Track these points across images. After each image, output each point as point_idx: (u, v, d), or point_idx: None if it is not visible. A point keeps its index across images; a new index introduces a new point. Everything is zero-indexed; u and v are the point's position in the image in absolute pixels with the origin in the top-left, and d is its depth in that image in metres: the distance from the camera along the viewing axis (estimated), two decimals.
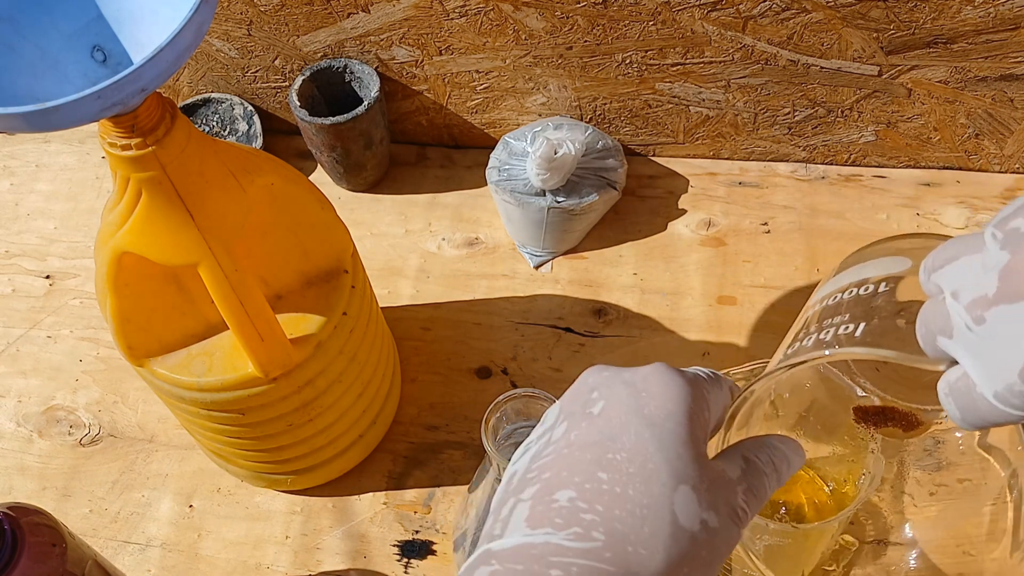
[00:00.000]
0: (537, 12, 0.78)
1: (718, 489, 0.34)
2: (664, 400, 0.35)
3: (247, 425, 0.65)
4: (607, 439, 0.34)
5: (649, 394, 0.35)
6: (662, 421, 0.34)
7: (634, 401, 0.35)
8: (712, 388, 0.38)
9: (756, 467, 0.36)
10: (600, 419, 0.35)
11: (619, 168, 0.84)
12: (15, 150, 1.01)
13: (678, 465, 0.33)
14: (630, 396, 0.35)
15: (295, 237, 0.65)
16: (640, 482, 0.33)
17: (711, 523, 0.33)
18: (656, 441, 0.34)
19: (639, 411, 0.35)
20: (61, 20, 0.52)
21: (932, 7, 0.72)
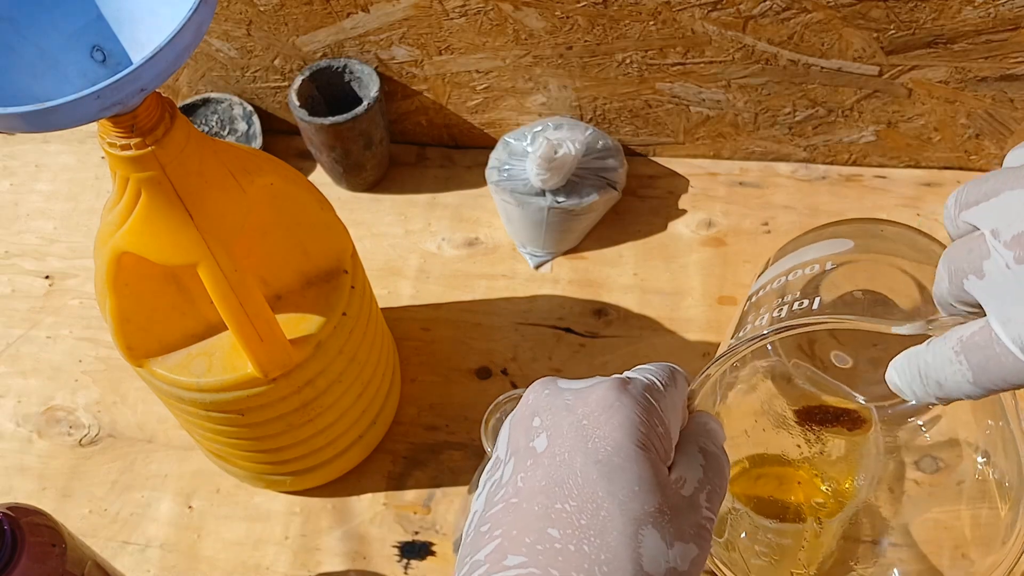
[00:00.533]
0: (537, 12, 0.78)
1: (681, 516, 0.32)
2: (610, 429, 0.32)
3: (247, 426, 0.65)
4: (554, 485, 0.32)
5: (592, 423, 0.33)
6: (609, 456, 0.32)
7: (577, 434, 0.32)
8: (666, 393, 0.35)
9: (714, 457, 0.35)
10: (545, 458, 0.33)
11: (619, 168, 0.84)
12: (15, 150, 1.00)
13: (634, 507, 0.31)
14: (572, 427, 0.33)
15: (294, 237, 0.65)
16: (594, 535, 0.30)
17: (679, 559, 0.31)
18: (606, 482, 0.31)
19: (584, 446, 0.32)
20: (61, 20, 0.52)
21: (932, 7, 0.72)
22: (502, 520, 0.32)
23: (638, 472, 0.31)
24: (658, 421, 0.33)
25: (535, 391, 0.36)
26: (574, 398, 0.34)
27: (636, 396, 0.34)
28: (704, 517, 0.33)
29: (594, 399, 0.33)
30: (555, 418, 0.34)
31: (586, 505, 0.31)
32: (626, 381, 0.34)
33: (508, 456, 0.34)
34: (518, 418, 0.35)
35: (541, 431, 0.34)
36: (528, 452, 0.33)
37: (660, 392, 0.35)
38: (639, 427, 0.32)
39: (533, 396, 0.35)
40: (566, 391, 0.35)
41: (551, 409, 0.34)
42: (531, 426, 0.34)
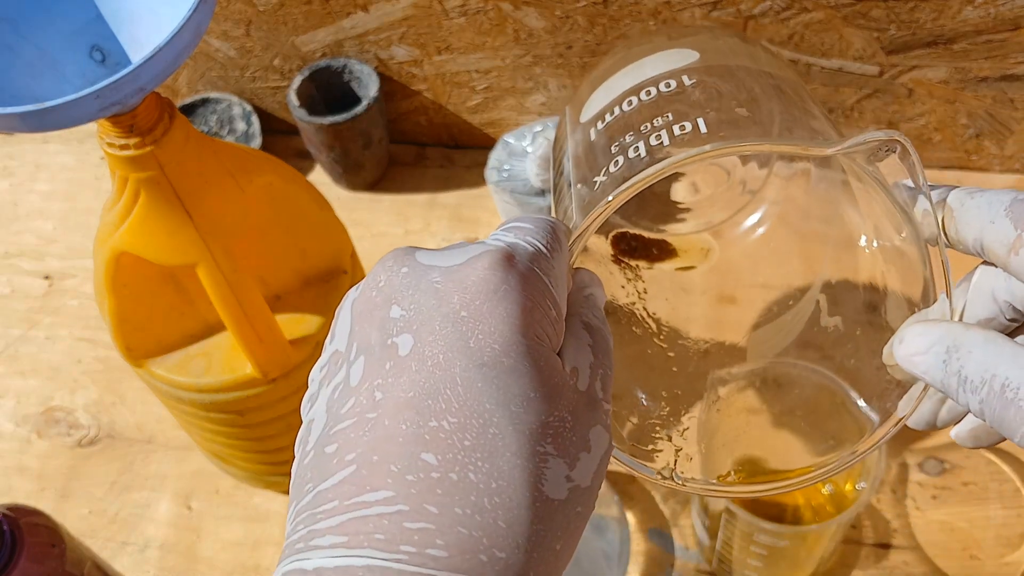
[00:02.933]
0: (537, 11, 0.78)
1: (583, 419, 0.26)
2: (496, 322, 0.25)
3: (246, 426, 0.65)
4: (426, 396, 0.25)
5: (473, 315, 0.25)
6: (497, 356, 0.25)
7: (455, 329, 0.25)
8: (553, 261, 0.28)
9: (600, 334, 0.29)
10: (412, 361, 0.25)
11: None
12: (14, 150, 1.00)
13: (530, 419, 0.25)
14: (447, 321, 0.25)
15: (293, 237, 0.64)
16: (482, 458, 0.24)
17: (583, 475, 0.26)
18: (494, 390, 0.25)
19: (464, 343, 0.25)
20: (60, 20, 0.52)
21: (933, 7, 0.72)
22: (356, 440, 0.25)
23: (532, 374, 0.25)
24: (551, 303, 0.27)
25: (388, 268, 0.27)
26: (445, 280, 0.26)
27: (524, 273, 0.27)
28: (604, 412, 0.27)
29: (473, 282, 0.26)
30: (421, 308, 0.26)
31: (470, 421, 0.24)
32: (510, 255, 0.27)
33: (356, 353, 0.27)
34: (365, 303, 0.27)
35: (403, 325, 0.26)
36: (386, 352, 0.26)
37: (547, 261, 0.28)
38: (532, 314, 0.26)
39: (386, 276, 0.27)
40: (432, 269, 0.27)
41: (414, 295, 0.26)
42: (388, 317, 0.26)
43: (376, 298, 0.27)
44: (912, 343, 0.29)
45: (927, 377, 0.28)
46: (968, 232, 0.29)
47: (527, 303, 0.26)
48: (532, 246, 0.28)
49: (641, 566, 0.67)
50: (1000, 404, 0.25)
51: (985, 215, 0.28)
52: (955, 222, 0.29)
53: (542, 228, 0.29)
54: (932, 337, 0.28)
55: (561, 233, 0.29)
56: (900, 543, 0.68)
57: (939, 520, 0.69)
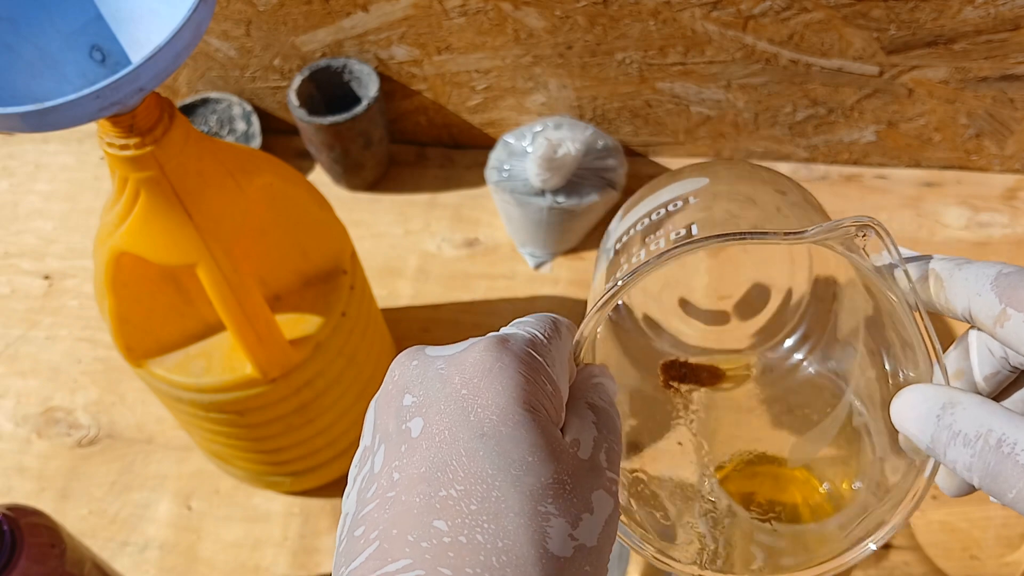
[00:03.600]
0: (537, 11, 0.78)
1: (584, 483, 0.28)
2: (492, 395, 0.28)
3: (246, 426, 0.65)
4: (435, 470, 0.27)
5: (472, 391, 0.28)
6: (495, 426, 0.27)
7: (457, 406, 0.28)
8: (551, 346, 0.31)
9: (605, 413, 0.31)
10: (422, 441, 0.28)
11: (619, 168, 0.84)
12: (14, 150, 1.00)
13: (529, 480, 0.27)
14: (450, 399, 0.28)
15: (293, 237, 0.64)
16: (488, 520, 0.26)
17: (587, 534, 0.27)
18: (494, 456, 0.27)
19: (465, 418, 0.28)
20: (60, 20, 0.52)
21: (933, 7, 0.72)
22: (378, 520, 0.27)
23: (530, 439, 0.27)
24: (546, 379, 0.29)
25: (401, 363, 0.31)
26: (448, 366, 0.29)
27: (518, 353, 0.29)
28: (608, 479, 0.29)
29: (471, 363, 0.29)
30: (428, 392, 0.29)
31: (475, 487, 0.27)
32: (504, 339, 0.30)
33: (377, 444, 0.30)
34: (384, 397, 0.30)
35: (414, 411, 0.29)
36: (401, 437, 0.29)
37: (544, 346, 0.31)
38: (525, 388, 0.28)
39: (399, 370, 0.30)
40: (437, 359, 0.30)
41: (423, 382, 0.29)
42: (402, 406, 0.29)
43: (392, 391, 0.30)
44: (906, 401, 0.31)
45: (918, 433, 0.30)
46: (957, 302, 0.31)
47: (521, 378, 0.29)
48: (529, 333, 0.31)
49: (641, 565, 0.67)
50: (996, 458, 0.27)
51: (972, 287, 0.30)
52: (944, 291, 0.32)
53: (541, 320, 0.32)
54: (927, 395, 0.30)
55: (562, 326, 0.33)
56: (900, 543, 0.68)
57: (939, 520, 0.69)
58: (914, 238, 0.82)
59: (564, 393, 0.31)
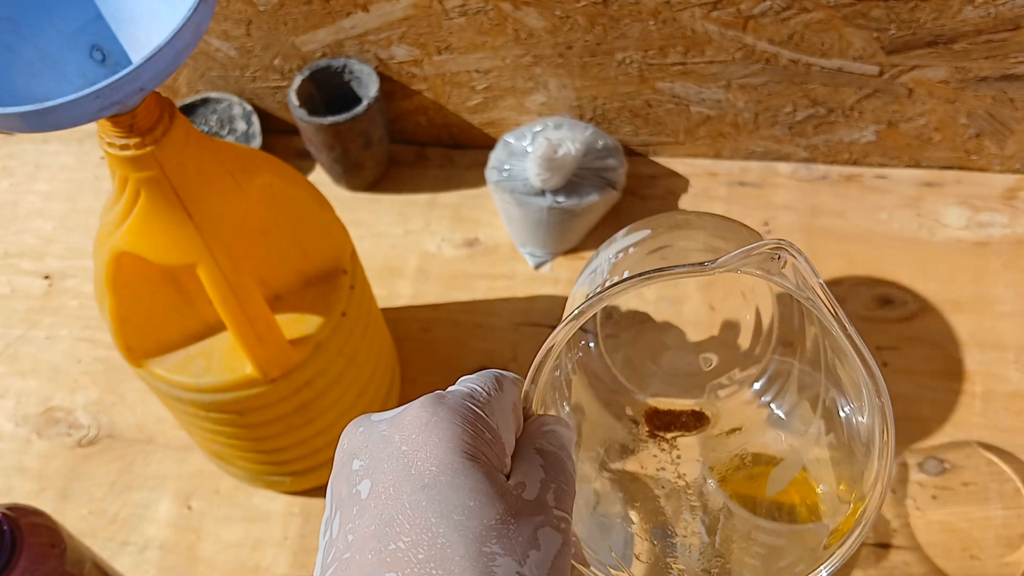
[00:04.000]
0: (537, 11, 0.78)
1: (529, 521, 0.29)
2: (431, 448, 0.30)
3: (246, 426, 0.65)
4: (384, 525, 0.29)
5: (412, 447, 0.30)
6: (435, 476, 0.29)
7: (398, 463, 0.30)
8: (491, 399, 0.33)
9: (554, 456, 0.33)
10: (371, 500, 0.29)
11: (619, 168, 0.84)
12: (14, 150, 1.00)
13: (472, 524, 0.28)
14: (392, 457, 0.30)
15: (294, 237, 0.64)
16: (436, 566, 0.27)
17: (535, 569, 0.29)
18: (436, 505, 0.28)
19: (407, 472, 0.29)
20: (60, 20, 0.52)
21: (933, 7, 0.72)
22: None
23: (470, 485, 0.29)
24: (484, 427, 0.31)
25: (349, 433, 0.33)
26: (389, 427, 0.31)
27: (454, 407, 0.31)
28: (556, 517, 0.30)
29: (409, 421, 0.31)
30: (373, 454, 0.31)
31: (421, 537, 0.28)
32: (441, 395, 0.32)
33: (334, 511, 0.31)
34: (337, 467, 0.32)
35: (362, 474, 0.31)
36: (352, 500, 0.30)
37: (483, 399, 0.32)
38: (462, 438, 0.30)
39: (348, 438, 0.32)
40: (380, 423, 0.32)
41: (367, 445, 0.31)
42: (351, 471, 0.31)
43: (343, 459, 0.32)
44: None
45: None
46: None
47: (458, 428, 0.30)
48: (468, 388, 0.33)
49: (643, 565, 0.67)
50: None
51: None
52: None
53: (484, 376, 0.34)
54: None
55: (505, 380, 0.34)
56: (900, 543, 0.68)
57: (939, 520, 0.69)
58: (914, 238, 0.82)
59: (508, 441, 0.32)
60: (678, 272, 0.33)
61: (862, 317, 0.78)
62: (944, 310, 0.78)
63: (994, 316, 0.77)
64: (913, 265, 0.80)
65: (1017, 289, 0.78)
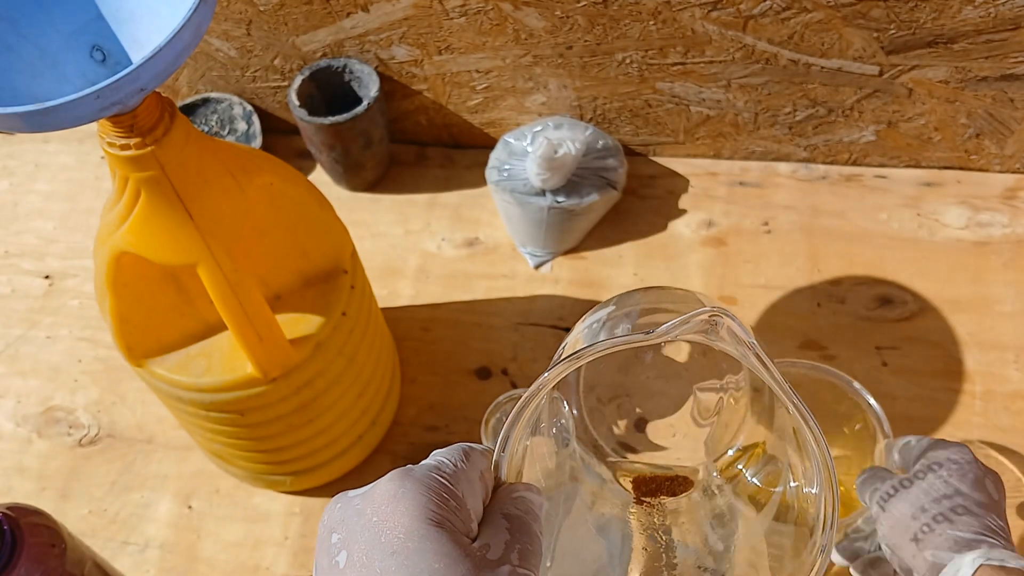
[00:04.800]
0: (537, 11, 0.78)
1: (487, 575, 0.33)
2: (398, 517, 0.32)
3: (246, 426, 0.65)
4: None
5: (381, 518, 0.33)
6: (403, 543, 0.32)
7: (370, 533, 0.33)
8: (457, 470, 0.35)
9: (519, 520, 0.35)
10: (348, 570, 0.32)
11: (619, 168, 0.84)
12: (14, 150, 1.00)
13: None
14: (365, 528, 0.33)
15: (294, 237, 0.64)
16: None
17: None
18: (404, 569, 0.31)
19: (377, 541, 0.32)
20: (60, 20, 0.52)
21: (933, 7, 0.72)
22: None
23: (435, 549, 0.32)
24: (449, 495, 0.34)
25: (329, 509, 0.35)
26: (362, 501, 0.34)
27: (420, 478, 0.34)
28: (517, 573, 0.33)
29: (378, 494, 0.33)
30: (349, 527, 0.33)
31: None
32: (408, 468, 0.35)
33: None
34: (320, 541, 0.35)
35: (340, 546, 0.33)
36: (332, 570, 0.33)
37: (448, 470, 0.35)
38: (427, 506, 0.33)
39: (328, 514, 0.35)
40: (355, 497, 0.35)
41: (344, 520, 0.34)
42: (331, 544, 0.34)
43: (324, 533, 0.34)
44: None
45: None
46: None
47: (423, 498, 0.33)
48: (436, 461, 0.35)
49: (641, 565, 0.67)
50: None
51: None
52: None
53: (452, 449, 0.36)
54: None
55: (473, 452, 0.36)
56: None
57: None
58: (914, 238, 0.82)
59: (475, 507, 0.35)
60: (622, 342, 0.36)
61: (862, 317, 0.78)
62: (944, 310, 0.78)
63: (994, 316, 0.77)
64: (913, 265, 0.81)
65: (1017, 289, 0.78)
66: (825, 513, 0.38)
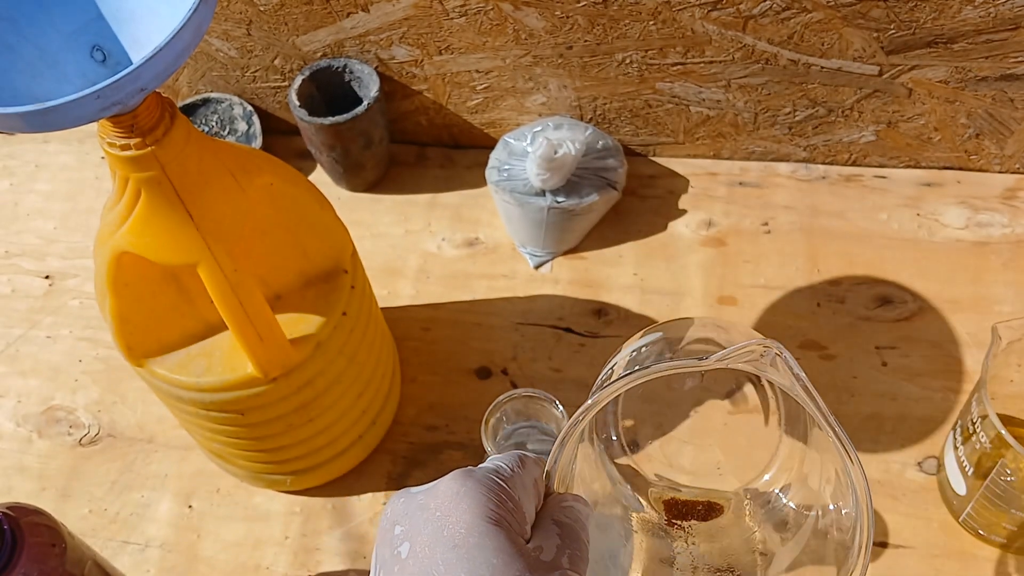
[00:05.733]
0: (537, 12, 0.78)
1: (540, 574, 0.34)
2: (460, 513, 0.35)
3: (246, 425, 0.65)
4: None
5: (444, 513, 0.35)
6: (464, 537, 0.34)
7: (433, 527, 0.35)
8: (513, 475, 0.37)
9: (569, 527, 0.37)
10: (410, 560, 0.34)
11: (619, 168, 0.84)
12: (14, 150, 1.00)
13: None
14: (428, 522, 0.35)
15: (294, 237, 0.65)
16: None
17: None
18: (465, 563, 0.33)
19: (440, 535, 0.34)
20: (60, 20, 0.52)
21: (932, 7, 0.72)
22: None
23: (494, 545, 0.34)
24: (507, 498, 0.36)
25: (392, 503, 0.37)
26: (426, 496, 0.36)
27: (481, 479, 0.36)
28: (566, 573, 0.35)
29: (442, 490, 0.36)
30: (412, 520, 0.36)
31: None
32: (471, 470, 0.37)
33: (377, 570, 0.36)
34: (382, 533, 0.37)
35: (403, 538, 0.35)
36: (394, 560, 0.35)
37: (506, 474, 0.37)
38: (488, 505, 0.35)
39: (391, 508, 0.37)
40: (418, 494, 0.37)
41: (407, 513, 0.36)
42: (393, 535, 0.36)
43: (386, 525, 0.37)
44: None
45: None
46: None
47: (483, 498, 0.35)
48: (494, 465, 0.37)
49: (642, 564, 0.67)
50: None
51: None
52: None
53: (509, 456, 0.38)
54: None
55: (528, 460, 0.39)
56: (899, 542, 0.68)
57: (939, 519, 0.69)
58: (914, 238, 0.82)
59: (529, 511, 0.37)
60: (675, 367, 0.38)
61: (862, 316, 0.78)
62: (944, 310, 0.78)
63: (994, 316, 0.77)
64: (913, 265, 0.81)
65: (1017, 289, 0.78)
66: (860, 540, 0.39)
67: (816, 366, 0.76)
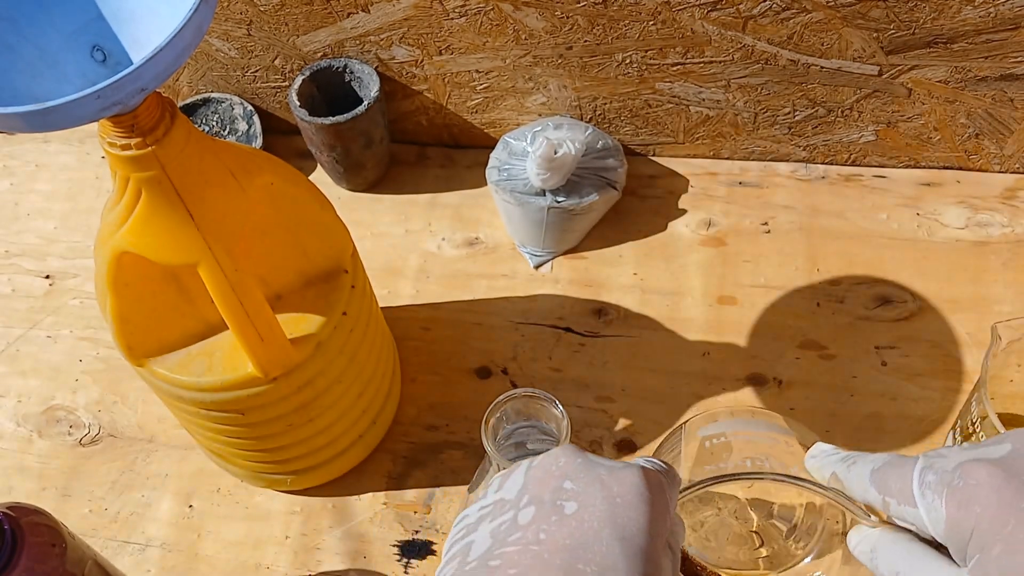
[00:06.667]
0: (537, 12, 0.78)
1: None
2: (639, 514, 0.36)
3: (247, 425, 0.65)
4: (579, 546, 0.35)
5: (624, 503, 0.36)
6: (633, 535, 0.35)
7: (608, 508, 0.36)
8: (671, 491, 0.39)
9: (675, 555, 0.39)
10: (573, 520, 0.36)
11: (619, 168, 0.84)
12: (14, 150, 1.00)
13: None
14: (605, 501, 0.36)
15: (295, 237, 0.65)
16: None
17: None
18: (626, 557, 0.35)
19: (613, 520, 0.36)
20: (60, 19, 0.52)
21: (932, 7, 0.72)
22: (518, 562, 0.35)
23: (650, 554, 0.35)
24: (666, 512, 0.38)
25: (566, 455, 0.39)
26: (608, 476, 0.37)
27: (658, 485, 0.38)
28: None
29: (629, 482, 0.37)
30: (588, 488, 0.37)
31: (605, 571, 0.34)
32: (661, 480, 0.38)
33: (526, 503, 0.37)
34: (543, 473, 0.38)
35: (571, 495, 0.37)
36: (554, 509, 0.36)
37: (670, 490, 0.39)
38: (657, 520, 0.36)
39: (564, 459, 0.38)
40: (600, 466, 0.38)
41: (584, 479, 0.37)
42: (560, 487, 0.37)
43: (554, 471, 0.38)
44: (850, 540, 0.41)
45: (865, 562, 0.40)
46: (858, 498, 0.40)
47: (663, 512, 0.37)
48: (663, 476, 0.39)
49: None
50: None
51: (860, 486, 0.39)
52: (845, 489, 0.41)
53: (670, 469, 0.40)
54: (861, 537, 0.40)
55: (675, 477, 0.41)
56: None
57: None
58: (914, 238, 0.82)
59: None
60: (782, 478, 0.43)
61: (861, 316, 0.78)
62: (943, 309, 0.78)
63: (993, 316, 0.77)
64: (912, 265, 0.81)
65: (1016, 289, 0.78)
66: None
67: (816, 366, 0.76)
